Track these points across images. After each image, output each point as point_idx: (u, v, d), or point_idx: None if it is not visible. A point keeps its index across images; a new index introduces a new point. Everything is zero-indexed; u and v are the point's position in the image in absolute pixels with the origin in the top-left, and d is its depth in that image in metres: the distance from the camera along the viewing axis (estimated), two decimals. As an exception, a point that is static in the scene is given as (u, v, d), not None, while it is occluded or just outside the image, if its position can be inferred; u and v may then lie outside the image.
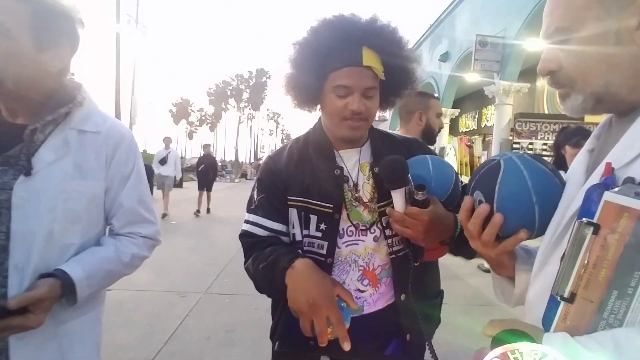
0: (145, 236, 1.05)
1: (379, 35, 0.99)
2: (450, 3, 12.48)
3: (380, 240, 1.03)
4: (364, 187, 1.05)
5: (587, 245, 0.49)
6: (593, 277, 0.49)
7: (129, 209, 1.02)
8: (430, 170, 0.98)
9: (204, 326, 3.25)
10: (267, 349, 1.07)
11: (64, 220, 0.90)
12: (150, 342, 2.92)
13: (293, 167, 1.06)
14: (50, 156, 0.90)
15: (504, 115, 9.51)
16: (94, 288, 0.94)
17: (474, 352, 0.54)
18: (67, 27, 0.91)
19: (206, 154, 10.68)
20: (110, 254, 0.98)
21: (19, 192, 0.85)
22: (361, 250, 1.03)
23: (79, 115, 0.96)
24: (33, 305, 0.81)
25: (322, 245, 1.01)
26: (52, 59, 0.89)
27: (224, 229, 7.45)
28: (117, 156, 1.00)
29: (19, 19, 0.83)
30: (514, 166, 0.68)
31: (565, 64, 0.62)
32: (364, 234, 1.03)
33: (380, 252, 1.04)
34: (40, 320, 0.83)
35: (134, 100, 15.74)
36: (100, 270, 0.95)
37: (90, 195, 0.95)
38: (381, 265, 1.04)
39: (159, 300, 3.78)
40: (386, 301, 1.05)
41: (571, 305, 0.50)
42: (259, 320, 3.35)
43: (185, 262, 5.20)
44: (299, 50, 1.02)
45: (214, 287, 4.26)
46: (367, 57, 0.96)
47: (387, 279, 1.04)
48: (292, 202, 1.04)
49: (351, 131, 1.00)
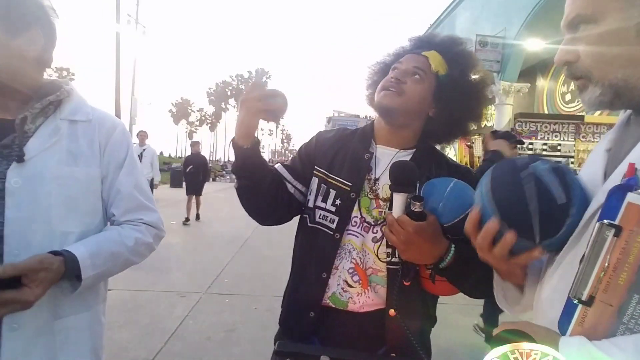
0: (146, 223, 1.03)
1: (446, 43, 1.10)
2: (450, 3, 12.47)
3: (380, 244, 1.02)
4: (384, 186, 1.05)
5: (607, 247, 0.48)
6: (613, 281, 0.48)
7: (126, 194, 1.01)
8: (445, 191, 0.92)
9: (204, 326, 3.25)
10: (267, 349, 1.07)
11: (61, 206, 0.90)
12: (150, 342, 2.92)
13: (330, 143, 1.13)
14: (43, 144, 0.90)
15: (504, 115, 9.52)
16: (99, 269, 0.91)
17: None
18: (35, 11, 0.90)
19: (195, 152, 9.09)
20: (114, 236, 0.97)
21: (12, 178, 0.85)
22: (358, 244, 1.03)
23: (69, 107, 0.96)
24: (27, 277, 0.78)
25: (333, 220, 1.04)
26: (26, 44, 0.88)
27: (224, 228, 7.46)
28: (111, 143, 1.00)
29: None
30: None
31: (583, 55, 0.60)
32: (366, 230, 1.03)
33: (375, 255, 1.02)
34: (37, 294, 0.79)
35: (134, 100, 15.75)
36: (103, 249, 0.93)
37: (85, 181, 0.94)
38: (373, 268, 1.02)
39: (159, 300, 3.78)
40: (375, 309, 1.02)
41: (589, 308, 0.49)
42: (259, 320, 3.35)
43: (185, 262, 5.20)
44: (385, 55, 1.18)
45: (214, 287, 4.25)
46: (429, 53, 1.06)
47: (380, 287, 1.02)
48: (317, 172, 1.10)
49: (382, 97, 1.04)
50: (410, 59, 1.06)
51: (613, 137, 0.66)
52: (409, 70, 1.04)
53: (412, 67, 1.04)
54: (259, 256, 5.62)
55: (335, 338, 1.02)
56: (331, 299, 1.03)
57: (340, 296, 1.03)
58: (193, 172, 8.45)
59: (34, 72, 0.93)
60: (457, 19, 12.08)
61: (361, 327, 1.02)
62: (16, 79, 0.89)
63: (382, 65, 1.16)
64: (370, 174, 1.06)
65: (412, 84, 1.03)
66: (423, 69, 1.04)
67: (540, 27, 8.53)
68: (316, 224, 1.06)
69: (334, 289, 1.03)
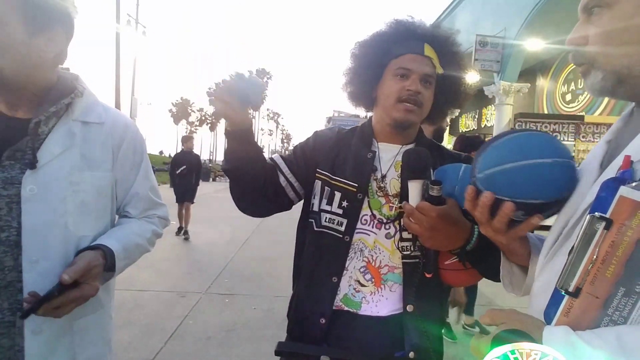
0: (159, 216, 1.11)
1: (440, 40, 1.06)
2: (450, 3, 12.48)
3: (394, 239, 1.02)
4: (391, 182, 1.05)
5: (597, 240, 0.48)
6: (600, 273, 0.48)
7: (144, 196, 1.06)
8: (459, 174, 0.93)
9: (204, 326, 3.25)
10: (267, 349, 1.07)
11: (76, 212, 0.90)
12: (150, 342, 2.92)
13: (331, 145, 1.10)
14: (57, 148, 0.89)
15: (504, 115, 9.52)
16: (128, 260, 0.97)
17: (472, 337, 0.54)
18: (59, 11, 0.89)
19: (187, 150, 7.15)
20: (135, 228, 1.02)
21: (28, 185, 0.85)
22: (370, 241, 1.02)
23: (81, 106, 0.95)
24: (83, 276, 0.83)
25: (341, 223, 1.02)
26: (46, 44, 0.87)
27: (224, 228, 7.45)
28: (124, 146, 1.00)
29: (9, 6, 0.82)
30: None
31: (591, 39, 0.60)
32: (378, 227, 1.02)
33: (390, 251, 1.02)
34: (96, 288, 0.86)
35: (134, 100, 15.75)
36: (130, 242, 0.98)
37: (98, 186, 0.95)
38: (389, 265, 1.01)
39: (159, 300, 3.78)
40: (391, 310, 1.01)
41: (575, 300, 0.49)
42: (259, 320, 3.35)
43: (185, 262, 5.20)
44: (362, 44, 1.08)
45: (214, 287, 4.25)
46: (428, 50, 1.03)
47: (395, 285, 1.01)
48: (320, 175, 1.08)
49: (405, 114, 1.01)
50: (419, 63, 1.01)
51: (615, 128, 0.66)
52: (422, 79, 1.01)
53: (423, 74, 1.01)
54: (259, 256, 5.61)
55: (347, 344, 1.00)
56: (343, 300, 1.02)
57: (353, 297, 1.01)
58: (185, 174, 6.76)
59: (50, 70, 0.93)
60: (457, 19, 12.08)
61: (375, 331, 1.00)
62: (32, 78, 0.89)
63: (377, 57, 1.06)
64: (376, 173, 1.05)
65: (426, 92, 1.02)
66: (432, 74, 1.03)
67: (540, 27, 8.53)
68: (323, 228, 1.04)
69: (345, 291, 1.02)
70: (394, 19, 1.07)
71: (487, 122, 14.38)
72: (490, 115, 13.90)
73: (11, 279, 0.84)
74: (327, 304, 1.01)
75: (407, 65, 1.01)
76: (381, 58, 1.05)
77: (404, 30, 1.05)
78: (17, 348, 0.85)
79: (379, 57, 1.05)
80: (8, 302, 0.84)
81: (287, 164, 1.09)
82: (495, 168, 0.65)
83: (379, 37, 1.07)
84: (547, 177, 0.63)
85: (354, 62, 1.10)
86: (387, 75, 1.04)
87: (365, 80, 1.08)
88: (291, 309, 1.11)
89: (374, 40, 1.07)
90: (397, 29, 1.05)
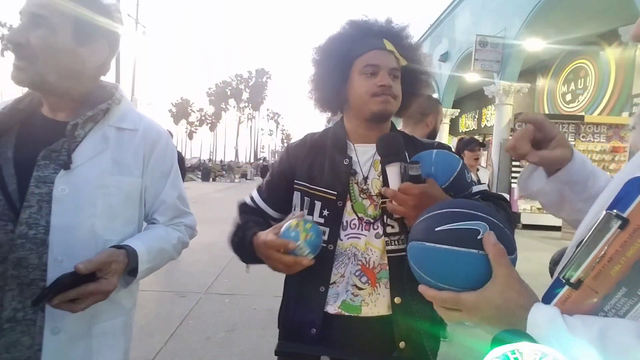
0: (186, 225, 1.12)
1: (397, 33, 1.07)
2: (450, 3, 12.48)
3: (382, 238, 1.03)
4: (373, 182, 1.05)
5: (608, 237, 0.47)
6: (605, 270, 0.47)
7: (171, 205, 1.07)
8: (432, 156, 0.98)
9: (204, 326, 3.25)
10: (267, 349, 1.08)
11: (104, 215, 0.92)
12: (150, 342, 2.92)
13: (304, 154, 1.10)
14: (90, 152, 0.92)
15: (504, 115, 9.52)
16: (151, 264, 0.98)
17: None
18: (105, 27, 0.94)
19: None
20: (162, 233, 1.03)
21: (60, 185, 0.87)
22: (362, 244, 1.02)
23: (117, 113, 0.99)
24: (101, 271, 0.84)
25: (324, 232, 1.01)
26: (91, 54, 0.93)
27: (224, 228, 7.52)
28: (155, 154, 1.02)
29: (62, 14, 0.87)
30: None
31: None
32: (367, 228, 1.02)
33: (380, 250, 1.03)
34: (113, 283, 0.87)
35: (134, 100, 15.77)
36: (155, 246, 0.98)
37: (127, 191, 0.97)
38: (381, 264, 1.03)
39: (159, 300, 3.78)
40: (387, 305, 1.03)
41: (575, 291, 0.49)
42: (259, 320, 3.35)
43: (185, 262, 5.20)
44: (322, 49, 1.08)
45: (214, 287, 4.26)
46: (389, 45, 1.03)
47: (386, 281, 1.03)
48: (297, 186, 1.08)
49: (383, 105, 1.01)
50: (385, 58, 1.02)
51: None
52: (390, 73, 1.02)
53: (390, 68, 1.02)
54: (259, 256, 5.61)
55: (349, 344, 1.01)
56: (342, 307, 1.01)
57: (352, 301, 1.01)
58: None
59: (92, 80, 0.97)
60: (457, 19, 12.09)
61: (375, 330, 1.01)
62: (75, 84, 0.93)
63: (340, 59, 1.05)
64: (356, 177, 1.05)
65: (396, 85, 1.03)
66: (397, 67, 1.04)
67: (540, 27, 8.53)
68: None
69: (343, 297, 1.02)
70: (348, 20, 1.08)
71: (487, 122, 14.39)
72: (490, 116, 13.91)
73: (34, 277, 0.85)
74: (317, 314, 1.01)
75: (374, 62, 1.01)
76: (344, 59, 1.04)
77: (361, 29, 1.05)
78: (36, 347, 0.86)
79: (342, 59, 1.04)
80: (31, 300, 0.84)
81: (271, 206, 1.13)
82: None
83: (337, 39, 1.06)
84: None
85: (317, 68, 1.09)
86: (354, 75, 1.03)
87: (332, 85, 1.07)
88: (281, 319, 1.11)
89: (333, 44, 1.07)
90: (354, 29, 1.05)
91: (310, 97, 1.14)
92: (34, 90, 0.93)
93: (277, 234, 0.91)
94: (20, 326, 0.85)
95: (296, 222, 0.90)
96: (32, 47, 0.85)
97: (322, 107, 1.14)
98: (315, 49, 1.09)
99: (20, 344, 0.85)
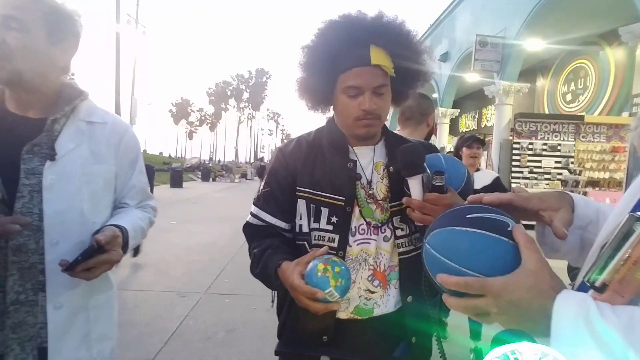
0: (152, 207, 1.25)
1: (386, 32, 0.99)
2: (450, 3, 12.48)
3: (391, 241, 1.03)
4: (377, 185, 1.04)
5: (633, 240, 0.46)
6: (630, 274, 0.47)
7: (140, 189, 1.18)
8: (443, 163, 0.99)
9: (204, 326, 3.25)
10: (267, 349, 1.08)
11: (89, 200, 1.01)
12: (150, 342, 2.92)
13: (303, 159, 1.06)
14: (70, 144, 1.00)
15: (504, 115, 9.52)
16: (134, 241, 1.07)
17: None
18: (71, 25, 1.01)
19: None
20: (139, 214, 1.15)
21: (48, 175, 0.95)
22: (372, 249, 1.02)
23: (84, 108, 1.06)
24: (109, 244, 0.93)
25: (333, 239, 1.00)
26: (61, 54, 1.00)
27: (224, 228, 7.40)
28: (124, 144, 1.12)
29: (34, 15, 0.93)
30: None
31: None
32: (376, 232, 1.02)
33: (389, 252, 1.03)
34: (120, 254, 0.97)
35: (134, 100, 15.75)
36: (137, 225, 1.09)
37: (105, 178, 1.06)
38: (390, 266, 1.03)
39: (159, 300, 3.78)
40: (395, 304, 1.04)
41: (599, 295, 0.49)
42: (259, 320, 3.35)
43: (185, 262, 5.19)
44: (307, 54, 1.03)
45: (214, 287, 4.25)
46: (375, 56, 0.96)
47: (396, 281, 1.03)
48: (301, 194, 1.04)
49: (366, 129, 1.01)
50: (368, 77, 0.96)
51: None
52: (374, 92, 0.97)
53: (373, 88, 0.96)
54: (259, 256, 5.60)
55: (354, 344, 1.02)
56: (355, 311, 1.01)
57: (365, 305, 1.01)
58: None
59: (59, 77, 1.04)
60: (457, 19, 12.09)
61: (379, 330, 1.02)
62: (46, 82, 1.00)
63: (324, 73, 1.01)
64: (361, 181, 1.04)
65: (380, 101, 0.98)
66: (384, 83, 0.98)
67: (540, 27, 8.53)
68: (315, 247, 1.00)
69: (356, 302, 1.01)
70: (332, 21, 1.01)
71: (487, 122, 14.39)
72: (490, 115, 13.91)
73: (34, 261, 0.93)
74: (328, 322, 1.00)
75: (356, 83, 0.96)
76: (329, 71, 1.00)
77: (347, 36, 0.97)
78: (39, 325, 0.95)
79: (327, 71, 1.00)
80: (31, 283, 0.94)
81: (282, 218, 1.06)
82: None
83: (323, 44, 1.00)
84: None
85: (304, 72, 1.05)
86: (338, 90, 1.00)
87: (320, 95, 1.05)
88: (281, 329, 1.10)
89: (319, 49, 1.01)
90: (339, 34, 0.98)
91: (299, 97, 1.11)
92: (9, 88, 0.98)
93: (302, 272, 0.88)
94: (25, 307, 0.93)
95: (324, 267, 0.86)
96: (9, 46, 0.91)
97: (312, 109, 1.12)
98: (301, 49, 1.04)
99: (26, 324, 0.94)
